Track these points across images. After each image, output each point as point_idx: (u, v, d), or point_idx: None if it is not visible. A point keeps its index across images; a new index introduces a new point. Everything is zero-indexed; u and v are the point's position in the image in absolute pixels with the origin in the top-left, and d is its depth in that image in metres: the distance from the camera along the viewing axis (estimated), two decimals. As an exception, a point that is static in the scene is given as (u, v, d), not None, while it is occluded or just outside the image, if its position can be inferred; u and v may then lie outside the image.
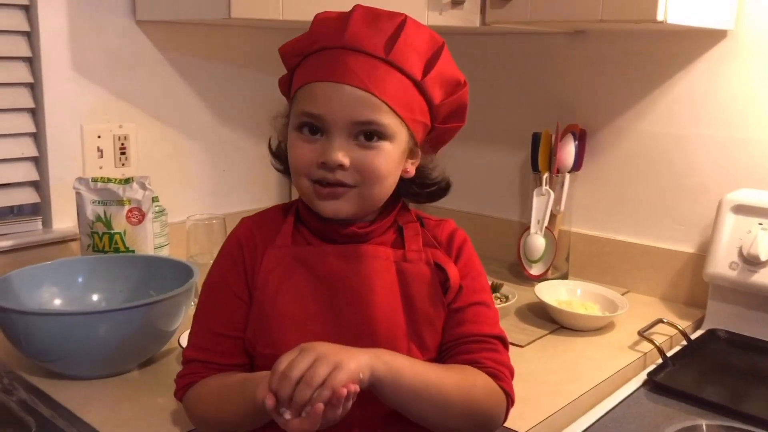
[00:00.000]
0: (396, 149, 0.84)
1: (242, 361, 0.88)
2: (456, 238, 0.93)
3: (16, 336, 1.03)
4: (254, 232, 0.91)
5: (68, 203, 1.39)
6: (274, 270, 0.87)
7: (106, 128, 1.46)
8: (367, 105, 0.81)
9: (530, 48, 1.62)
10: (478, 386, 0.84)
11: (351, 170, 0.82)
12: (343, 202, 0.84)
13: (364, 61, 0.81)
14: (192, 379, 0.88)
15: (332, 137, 0.82)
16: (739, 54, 1.34)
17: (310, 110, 0.82)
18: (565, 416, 1.01)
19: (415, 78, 0.83)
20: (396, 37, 0.82)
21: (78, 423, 0.93)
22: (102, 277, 1.21)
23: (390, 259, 0.88)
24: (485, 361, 0.86)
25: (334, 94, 0.81)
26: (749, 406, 1.05)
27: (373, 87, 0.80)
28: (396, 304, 0.86)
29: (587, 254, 1.57)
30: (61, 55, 1.38)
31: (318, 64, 0.83)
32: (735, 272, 1.26)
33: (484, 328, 0.89)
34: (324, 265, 0.87)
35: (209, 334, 0.89)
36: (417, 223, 0.92)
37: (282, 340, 0.84)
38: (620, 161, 1.52)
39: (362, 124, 0.81)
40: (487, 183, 1.73)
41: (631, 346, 1.23)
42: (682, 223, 1.44)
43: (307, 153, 0.83)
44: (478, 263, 0.93)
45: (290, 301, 0.86)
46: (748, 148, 1.35)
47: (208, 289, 0.92)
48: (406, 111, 0.83)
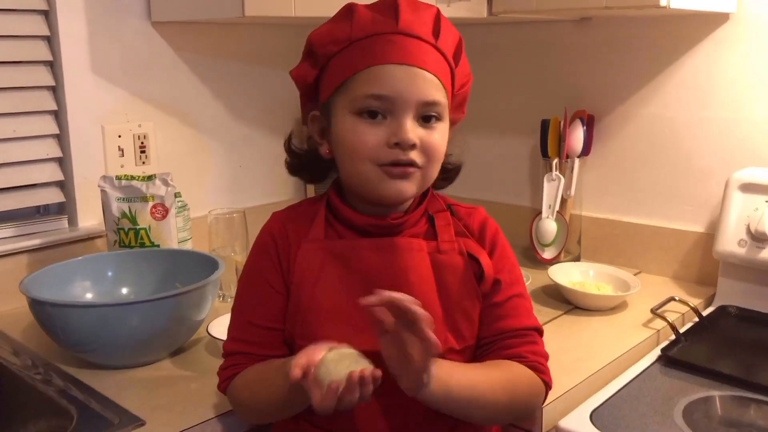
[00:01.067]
0: (446, 129, 0.88)
1: (282, 352, 0.91)
2: (488, 229, 0.95)
3: (53, 328, 1.07)
4: (286, 226, 0.93)
5: (93, 201, 1.44)
6: (309, 264, 0.90)
7: (126, 128, 1.50)
8: (433, 86, 0.85)
9: (537, 36, 1.65)
10: (523, 383, 0.88)
11: (419, 149, 0.84)
12: (410, 182, 0.86)
13: (421, 45, 0.85)
14: (235, 370, 0.91)
15: (401, 118, 0.83)
16: (742, 36, 1.37)
17: (379, 92, 0.83)
18: (582, 391, 1.04)
19: (452, 65, 0.88)
20: (438, 25, 0.86)
21: (117, 409, 0.97)
22: (130, 271, 1.25)
23: (424, 250, 0.90)
24: (527, 355, 0.90)
25: (404, 76, 0.83)
26: (760, 376, 1.08)
27: (435, 69, 0.85)
28: (432, 295, 0.88)
29: (598, 237, 1.60)
30: (81, 57, 1.42)
31: (376, 48, 0.84)
32: (744, 249, 1.29)
33: (523, 321, 0.92)
34: (359, 259, 0.89)
35: (249, 326, 0.91)
36: (447, 212, 0.94)
37: (319, 332, 0.86)
38: (628, 145, 1.55)
39: (429, 104, 0.84)
40: (498, 170, 1.76)
41: (644, 323, 1.26)
42: (690, 204, 1.48)
43: (372, 135, 0.84)
44: (511, 254, 0.96)
45: (327, 294, 0.88)
46: (752, 127, 1.38)
47: (245, 283, 0.94)
48: (449, 95, 0.88)
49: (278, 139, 1.74)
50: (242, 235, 1.40)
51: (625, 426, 0.95)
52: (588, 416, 0.98)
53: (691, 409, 1.00)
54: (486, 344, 0.91)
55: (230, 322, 0.94)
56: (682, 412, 0.99)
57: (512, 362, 0.89)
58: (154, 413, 0.96)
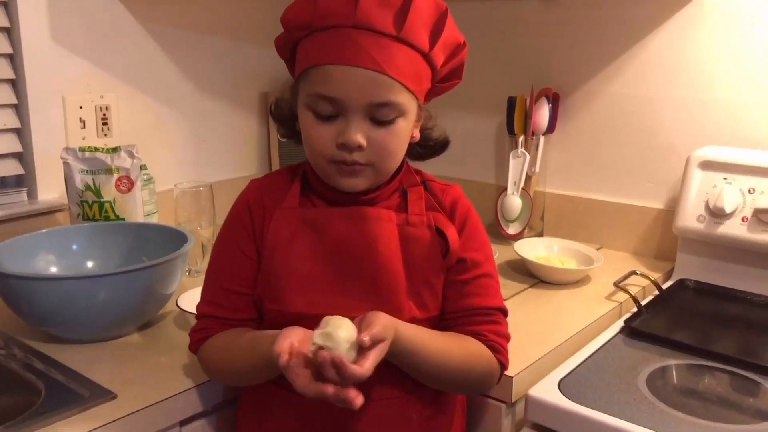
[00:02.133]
0: (408, 123, 0.87)
1: (252, 315, 0.93)
2: (460, 207, 0.95)
3: (17, 302, 1.04)
4: (262, 194, 0.94)
5: (53, 174, 1.40)
6: (281, 230, 0.91)
7: (88, 99, 1.46)
8: (383, 86, 0.82)
9: (504, 14, 1.66)
10: (479, 360, 0.91)
11: (367, 150, 0.84)
12: (360, 179, 0.87)
13: (377, 41, 0.81)
14: (206, 333, 0.93)
15: (349, 119, 0.83)
16: (705, 17, 1.40)
17: (326, 93, 0.83)
18: (549, 362, 1.07)
19: (424, 51, 0.85)
20: (405, 11, 0.82)
21: (87, 382, 0.95)
22: (95, 245, 1.23)
23: (393, 221, 0.91)
24: (487, 334, 0.91)
25: (350, 77, 0.81)
26: (714, 345, 1.13)
27: (387, 67, 0.81)
28: (398, 264, 0.90)
29: (562, 213, 1.63)
30: (40, 25, 1.38)
31: (330, 45, 0.82)
32: (702, 225, 1.33)
33: (488, 301, 0.93)
34: (330, 227, 0.90)
35: (221, 291, 0.93)
36: (421, 187, 0.95)
37: (288, 296, 0.89)
38: (592, 123, 1.57)
39: (380, 106, 0.83)
40: (465, 147, 1.77)
41: (607, 296, 1.30)
42: (651, 181, 1.51)
43: (324, 134, 0.85)
44: (482, 233, 0.97)
45: (297, 260, 0.90)
46: (713, 107, 1.42)
47: (218, 249, 0.96)
48: (415, 84, 0.85)
49: (244, 113, 1.74)
50: (209, 209, 1.38)
51: (592, 394, 0.98)
52: (556, 385, 1.00)
53: (654, 377, 1.04)
54: (450, 319, 0.93)
55: (204, 285, 0.96)
56: (645, 379, 1.03)
57: (472, 338, 0.91)
58: (124, 386, 0.95)
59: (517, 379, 1.00)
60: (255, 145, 1.78)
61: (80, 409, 0.89)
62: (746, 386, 1.03)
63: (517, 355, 1.05)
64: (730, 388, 1.04)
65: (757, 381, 1.03)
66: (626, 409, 0.94)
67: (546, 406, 0.97)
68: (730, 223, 1.30)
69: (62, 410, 0.88)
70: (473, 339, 0.91)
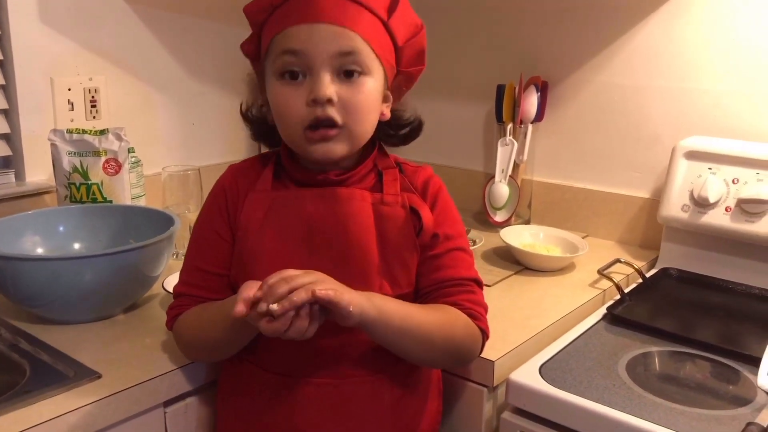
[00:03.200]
0: (375, 84, 0.89)
1: (226, 295, 0.94)
2: (431, 186, 0.97)
3: (4, 282, 1.05)
4: (237, 179, 0.97)
5: (41, 156, 1.40)
6: (254, 212, 0.93)
7: (76, 81, 1.46)
8: (346, 37, 0.85)
9: (494, 2, 1.66)
10: (459, 326, 0.91)
11: (338, 106, 0.86)
12: (333, 143, 0.88)
13: (337, 2, 0.85)
14: (180, 310, 0.96)
15: (317, 74, 0.85)
16: (692, 8, 1.41)
17: (291, 47, 0.85)
18: (532, 347, 1.08)
19: (382, 17, 0.88)
20: None
21: (71, 362, 0.96)
22: (82, 227, 1.23)
23: (367, 200, 0.93)
24: (464, 303, 0.93)
25: (313, 32, 0.84)
26: (696, 333, 1.14)
27: (349, 23, 0.85)
28: (371, 243, 0.91)
29: (548, 201, 1.64)
30: (28, 5, 1.37)
31: (290, 11, 0.86)
32: (686, 214, 1.34)
33: (461, 272, 0.95)
34: (301, 207, 0.92)
35: (197, 272, 0.96)
36: (396, 169, 0.97)
37: (261, 275, 0.86)
38: (580, 112, 1.58)
39: (343, 54, 0.85)
40: (453, 134, 1.78)
41: (591, 284, 1.31)
42: (637, 170, 1.53)
43: (294, 97, 0.86)
44: (453, 210, 0.98)
45: (270, 240, 0.92)
46: (699, 97, 1.43)
47: (196, 231, 0.99)
48: (378, 48, 0.88)
49: (232, 97, 1.74)
50: (197, 193, 1.39)
51: (572, 379, 1.00)
52: (537, 370, 1.02)
53: (634, 363, 1.05)
54: (425, 294, 0.94)
55: (183, 265, 0.99)
56: (625, 365, 1.04)
57: (449, 306, 0.92)
58: (110, 367, 0.95)
59: (498, 363, 1.02)
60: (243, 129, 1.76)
61: (65, 389, 0.90)
62: (726, 374, 1.04)
63: (500, 339, 1.06)
64: (710, 376, 1.05)
65: (737, 369, 1.04)
66: (605, 394, 0.96)
67: (527, 390, 0.99)
68: (713, 212, 1.32)
69: (47, 390, 0.89)
70: (450, 307, 0.92)
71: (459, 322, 0.91)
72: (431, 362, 0.97)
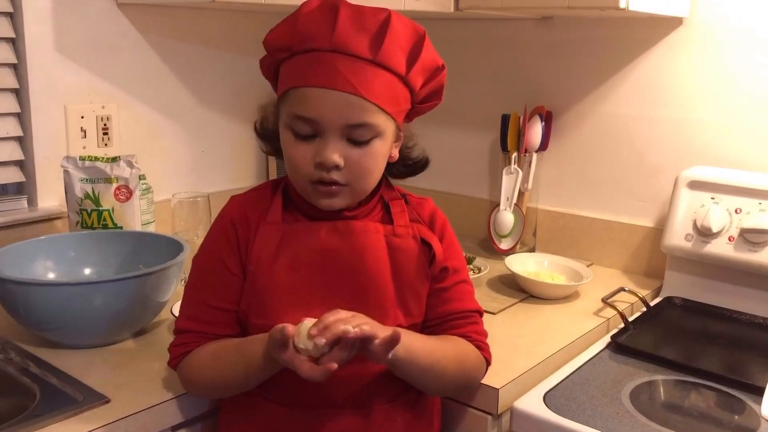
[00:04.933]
0: (385, 144, 0.90)
1: (235, 332, 0.94)
2: (438, 219, 1.00)
3: (15, 306, 1.06)
4: (246, 211, 0.95)
5: (53, 182, 1.43)
6: (267, 245, 0.92)
7: (89, 109, 1.49)
8: (359, 108, 0.85)
9: (500, 33, 1.69)
10: (470, 359, 0.96)
11: (344, 169, 0.87)
12: (338, 198, 0.90)
13: (353, 64, 0.84)
14: (187, 348, 0.93)
15: (327, 139, 0.86)
16: (694, 40, 1.43)
17: (303, 114, 0.86)
18: (536, 374, 1.09)
19: (400, 74, 0.87)
20: (382, 35, 0.85)
21: (81, 387, 0.97)
22: (93, 252, 1.25)
23: (380, 233, 0.94)
24: (471, 335, 0.97)
25: (326, 99, 0.84)
26: (700, 362, 1.15)
27: (363, 90, 0.84)
28: (386, 274, 0.93)
29: (553, 229, 1.65)
30: (45, 36, 1.40)
31: (308, 68, 0.86)
32: (690, 243, 1.36)
33: (467, 304, 0.99)
34: (317, 240, 0.93)
35: (204, 307, 0.94)
36: (402, 200, 0.99)
37: (276, 310, 0.91)
38: (584, 141, 1.60)
39: (354, 127, 0.86)
40: (459, 162, 1.80)
41: (595, 312, 1.32)
42: (641, 199, 1.54)
43: (303, 154, 0.88)
44: (457, 243, 1.02)
45: (284, 273, 0.91)
46: (701, 128, 1.44)
47: (201, 265, 0.96)
48: (392, 106, 0.88)
49: (242, 125, 1.77)
50: (206, 219, 1.40)
51: (576, 407, 1.00)
52: (541, 398, 1.02)
53: (638, 392, 1.06)
54: (433, 325, 0.97)
55: (184, 300, 0.97)
56: (629, 394, 1.05)
57: (460, 338, 0.96)
58: (118, 391, 0.96)
59: (503, 391, 1.02)
60: (253, 156, 1.81)
61: (74, 413, 0.91)
62: (730, 403, 1.05)
63: (505, 367, 1.07)
64: (714, 405, 1.05)
65: (741, 399, 1.05)
66: (608, 422, 0.96)
67: (531, 418, 0.99)
68: (717, 242, 1.33)
69: (56, 413, 0.90)
70: (461, 339, 0.96)
71: (470, 354, 0.96)
72: (442, 392, 1.01)
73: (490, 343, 1.14)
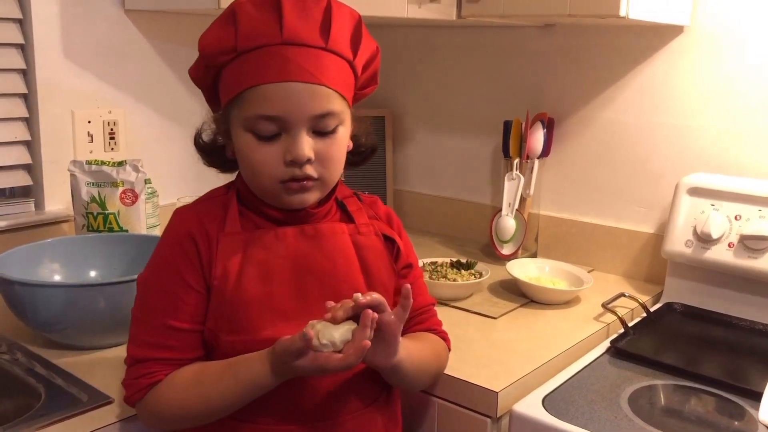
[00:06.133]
0: (346, 131, 0.90)
1: (201, 353, 0.89)
2: (393, 217, 1.03)
3: (21, 307, 1.08)
4: (203, 223, 0.89)
5: (60, 185, 1.45)
6: (230, 257, 0.87)
7: (96, 114, 1.51)
8: (322, 97, 0.84)
9: (502, 40, 1.70)
10: (442, 350, 1.03)
11: (315, 162, 0.86)
12: (311, 194, 0.88)
13: (308, 54, 0.83)
14: (155, 377, 0.86)
15: (294, 134, 0.84)
16: (694, 47, 1.44)
17: (267, 113, 0.83)
18: (535, 378, 1.10)
19: (349, 59, 0.87)
20: (328, 22, 0.84)
21: (85, 387, 0.99)
22: (98, 255, 1.26)
23: (346, 233, 0.94)
24: (436, 327, 1.03)
25: (290, 94, 0.82)
26: (699, 367, 1.15)
27: (323, 78, 0.83)
28: (357, 275, 0.93)
29: (555, 235, 1.66)
30: (53, 42, 1.43)
31: (262, 65, 0.82)
32: (690, 250, 1.36)
33: (427, 299, 1.04)
34: (285, 247, 0.89)
35: (165, 330, 0.86)
36: (355, 198, 0.99)
37: (251, 323, 0.86)
38: (586, 148, 1.61)
39: (323, 116, 0.84)
40: (461, 168, 1.81)
41: (595, 317, 1.33)
42: (642, 206, 1.55)
43: (269, 155, 0.85)
44: (409, 240, 1.04)
45: (254, 285, 0.87)
46: (702, 135, 1.45)
47: (156, 285, 0.88)
48: (347, 92, 0.88)
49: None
50: (210, 223, 1.42)
51: (575, 411, 1.01)
52: (540, 401, 1.03)
53: (636, 396, 1.06)
54: None
55: (137, 326, 0.89)
56: (627, 398, 1.05)
57: (429, 334, 1.01)
58: (121, 392, 0.96)
59: (502, 394, 1.03)
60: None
61: (78, 413, 0.92)
62: (729, 409, 1.05)
63: (505, 371, 1.08)
64: (713, 411, 1.06)
65: (741, 404, 1.05)
66: (607, 426, 0.97)
67: (530, 421, 1.00)
68: (717, 248, 1.33)
69: (61, 413, 0.92)
70: (429, 334, 1.01)
71: (442, 349, 1.02)
72: (425, 387, 1.04)
73: (490, 348, 1.17)
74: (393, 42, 1.86)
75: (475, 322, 1.28)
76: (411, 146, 1.89)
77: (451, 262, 1.47)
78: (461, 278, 1.40)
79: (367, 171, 1.86)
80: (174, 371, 0.86)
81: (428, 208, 1.87)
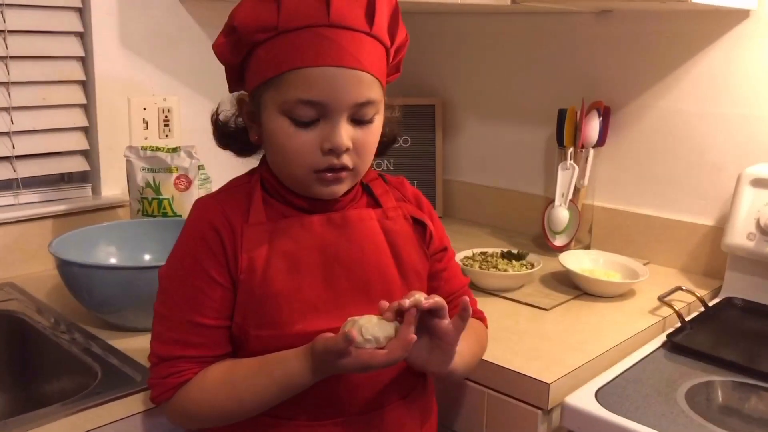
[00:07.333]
0: (381, 120, 0.87)
1: (229, 350, 0.86)
2: (422, 199, 1.00)
3: (79, 289, 1.11)
4: (226, 213, 0.85)
5: (116, 171, 1.48)
6: (256, 249, 0.84)
7: (151, 101, 1.54)
8: (366, 84, 0.80)
9: (557, 27, 1.67)
10: (483, 333, 1.02)
11: (352, 152, 0.83)
12: (344, 184, 0.86)
13: (355, 38, 0.79)
14: (183, 376, 0.83)
15: (335, 122, 0.80)
16: (761, 33, 1.38)
17: (309, 98, 0.79)
18: (587, 371, 1.07)
19: (387, 45, 0.84)
20: (372, 6, 0.81)
21: (139, 367, 1.01)
22: (153, 239, 1.29)
23: (374, 219, 0.90)
24: (475, 308, 1.01)
25: (335, 79, 0.78)
26: (762, 364, 1.11)
27: (368, 65, 0.80)
28: (388, 261, 0.90)
29: (609, 227, 1.62)
30: (111, 30, 1.46)
31: (306, 46, 0.78)
32: (752, 243, 1.31)
33: (462, 280, 1.02)
34: (312, 236, 0.86)
35: (191, 327, 0.83)
36: (380, 180, 0.96)
37: (281, 317, 0.83)
38: (642, 137, 1.57)
39: (364, 105, 0.81)
40: (514, 157, 1.79)
41: (651, 311, 1.29)
42: (701, 197, 1.50)
43: (306, 142, 0.81)
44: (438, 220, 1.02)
45: (281, 277, 0.84)
46: (765, 124, 1.40)
47: (179, 281, 0.85)
48: (383, 78, 0.85)
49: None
50: (261, 209, 1.43)
51: (629, 405, 0.98)
52: (593, 394, 1.01)
53: (693, 393, 1.03)
54: None
55: (161, 323, 0.86)
56: (684, 394, 1.02)
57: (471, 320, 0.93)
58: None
59: (554, 386, 1.01)
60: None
61: (132, 392, 0.94)
62: (791, 407, 1.01)
63: (556, 363, 1.06)
64: (774, 409, 1.02)
65: (803, 403, 1.01)
66: (662, 421, 0.94)
67: (582, 414, 0.98)
68: (781, 242, 1.28)
69: (115, 392, 0.94)
70: (477, 322, 1.01)
71: (483, 334, 1.02)
72: (470, 374, 1.02)
73: (541, 339, 1.15)
74: (445, 29, 1.84)
75: (526, 313, 1.26)
76: (461, 135, 1.87)
77: (501, 253, 1.45)
78: (512, 269, 1.38)
79: (417, 160, 1.84)
80: (202, 371, 0.84)
81: (478, 199, 1.84)
